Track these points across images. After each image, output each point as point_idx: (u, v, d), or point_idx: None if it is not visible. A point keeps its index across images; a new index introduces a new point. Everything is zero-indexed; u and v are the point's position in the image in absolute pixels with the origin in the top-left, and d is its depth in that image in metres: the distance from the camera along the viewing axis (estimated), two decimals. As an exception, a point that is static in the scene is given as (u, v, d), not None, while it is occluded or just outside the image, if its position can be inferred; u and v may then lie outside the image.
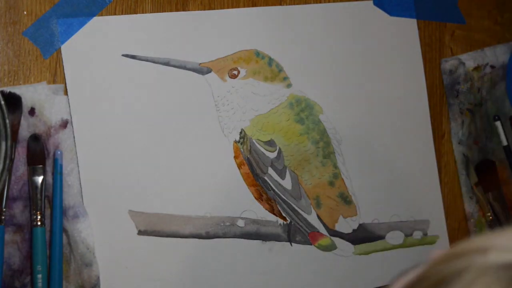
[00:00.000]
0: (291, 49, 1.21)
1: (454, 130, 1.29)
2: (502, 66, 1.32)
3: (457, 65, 1.29)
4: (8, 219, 1.06)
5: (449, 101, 1.29)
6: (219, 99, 1.17)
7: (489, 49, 1.32)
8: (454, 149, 1.29)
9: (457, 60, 1.29)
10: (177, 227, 1.14)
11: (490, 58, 1.31)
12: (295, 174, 1.20)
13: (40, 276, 1.06)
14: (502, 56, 1.32)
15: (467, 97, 1.29)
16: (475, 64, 1.30)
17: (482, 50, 1.31)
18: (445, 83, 1.29)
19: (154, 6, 1.14)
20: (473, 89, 1.29)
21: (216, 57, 1.17)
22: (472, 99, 1.29)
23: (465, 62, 1.29)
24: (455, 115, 1.29)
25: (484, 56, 1.31)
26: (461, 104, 1.29)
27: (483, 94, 1.30)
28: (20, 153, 1.07)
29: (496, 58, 1.31)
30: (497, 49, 1.32)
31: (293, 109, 1.21)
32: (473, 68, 1.30)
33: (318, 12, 1.23)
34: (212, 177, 1.16)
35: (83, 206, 1.09)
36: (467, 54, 1.30)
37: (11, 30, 1.08)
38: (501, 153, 1.31)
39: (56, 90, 1.09)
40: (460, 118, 1.29)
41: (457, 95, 1.28)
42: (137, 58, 1.13)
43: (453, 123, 1.29)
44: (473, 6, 1.33)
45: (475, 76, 1.30)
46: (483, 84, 1.30)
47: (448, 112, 1.30)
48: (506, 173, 1.30)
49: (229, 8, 1.18)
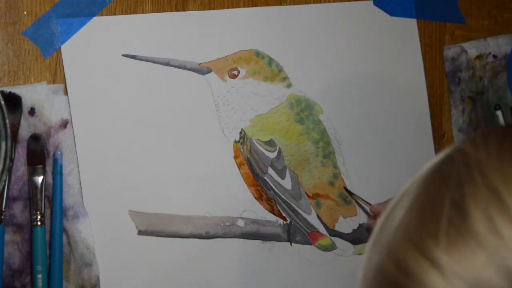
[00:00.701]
0: (291, 49, 1.21)
1: (455, 117, 1.29)
2: (504, 56, 1.32)
3: (460, 53, 1.29)
4: (8, 219, 1.06)
5: (451, 88, 1.29)
6: (219, 99, 1.17)
7: (492, 39, 1.32)
8: (454, 136, 1.29)
9: (460, 47, 1.29)
10: (177, 227, 1.14)
11: (493, 48, 1.31)
12: (295, 174, 1.20)
13: (40, 276, 1.06)
14: (504, 46, 1.32)
15: (469, 85, 1.29)
16: (478, 53, 1.30)
17: (485, 40, 1.31)
18: (447, 70, 1.29)
19: (154, 6, 1.14)
20: (475, 77, 1.29)
21: (216, 57, 1.17)
22: (473, 87, 1.29)
23: (468, 50, 1.29)
24: (456, 102, 1.29)
25: (487, 45, 1.31)
26: (463, 91, 1.29)
27: (485, 83, 1.30)
28: (20, 153, 1.07)
29: (499, 48, 1.31)
30: (500, 39, 1.32)
31: (293, 109, 1.21)
32: (475, 56, 1.30)
33: (318, 12, 1.23)
34: (212, 177, 1.16)
35: (83, 206, 1.09)
36: (470, 42, 1.30)
37: (11, 30, 1.08)
38: None
39: (56, 90, 1.09)
40: (461, 106, 1.29)
41: (458, 82, 1.28)
42: (137, 58, 1.13)
43: (453, 110, 1.29)
44: (473, 6, 1.33)
45: (477, 65, 1.30)
46: (485, 73, 1.30)
47: (449, 113, 1.30)
48: None
49: (229, 8, 1.18)
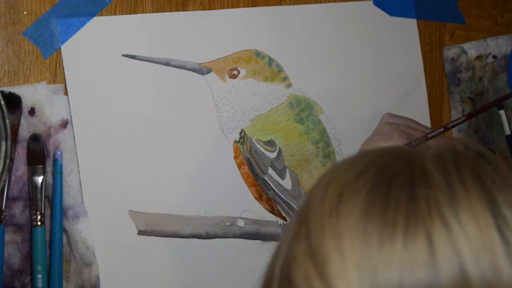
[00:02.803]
0: (291, 49, 1.21)
1: (455, 118, 1.29)
2: (504, 56, 1.32)
3: (459, 53, 1.29)
4: (8, 219, 1.06)
5: (450, 89, 1.29)
6: (219, 99, 1.17)
7: (492, 40, 1.32)
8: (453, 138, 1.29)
9: (460, 48, 1.29)
10: (177, 227, 1.14)
11: (492, 48, 1.31)
12: (295, 174, 1.20)
13: (40, 276, 1.06)
14: (504, 47, 1.32)
15: (468, 85, 1.29)
16: (477, 54, 1.30)
17: (485, 40, 1.31)
18: (446, 71, 1.29)
19: (154, 6, 1.14)
20: (474, 78, 1.29)
21: (216, 57, 1.17)
22: (473, 88, 1.29)
23: (467, 51, 1.30)
24: (456, 103, 1.29)
25: (487, 46, 1.31)
26: (462, 92, 1.29)
27: (485, 84, 1.30)
28: (20, 153, 1.07)
29: (498, 49, 1.31)
30: (500, 40, 1.32)
31: (293, 109, 1.21)
32: (475, 57, 1.30)
33: (318, 12, 1.23)
34: (212, 177, 1.16)
35: (83, 206, 1.09)
36: (469, 43, 1.30)
37: (11, 30, 1.08)
38: (501, 143, 1.30)
39: (56, 90, 1.09)
40: (460, 106, 1.29)
41: (458, 83, 1.28)
42: (137, 58, 1.13)
43: (453, 111, 1.29)
44: (473, 6, 1.33)
45: (477, 65, 1.30)
46: (484, 74, 1.30)
47: (449, 113, 1.30)
48: (506, 163, 1.30)
49: (229, 8, 1.18)
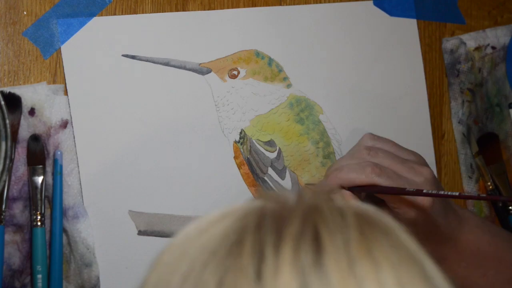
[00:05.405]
0: (291, 49, 1.21)
1: (454, 109, 1.29)
2: (503, 47, 1.32)
3: (458, 45, 1.29)
4: (8, 219, 1.06)
5: (450, 80, 1.29)
6: (219, 99, 1.17)
7: (490, 30, 1.32)
8: (454, 128, 1.29)
9: (458, 39, 1.29)
10: (177, 227, 1.14)
11: (491, 39, 1.31)
12: (295, 175, 1.20)
13: (40, 276, 1.06)
14: (503, 37, 1.32)
15: (468, 76, 1.29)
16: (476, 44, 1.30)
17: (484, 31, 1.31)
18: (446, 62, 1.29)
19: (154, 6, 1.14)
20: (474, 69, 1.29)
21: (216, 57, 1.17)
22: (472, 79, 1.29)
23: (466, 42, 1.29)
24: (455, 95, 1.29)
25: (485, 37, 1.31)
26: (462, 83, 1.29)
27: (484, 75, 1.30)
28: (20, 153, 1.06)
29: (497, 39, 1.31)
30: (498, 30, 1.32)
31: (293, 109, 1.21)
32: (474, 48, 1.30)
33: (318, 12, 1.23)
34: (212, 177, 1.16)
35: (83, 206, 1.09)
36: (468, 34, 1.30)
37: (11, 30, 1.08)
38: (501, 134, 1.30)
39: (56, 90, 1.09)
40: (460, 98, 1.29)
41: (457, 75, 1.28)
42: (137, 58, 1.13)
43: (453, 102, 1.29)
44: (473, 6, 1.33)
45: (476, 56, 1.30)
46: (483, 65, 1.30)
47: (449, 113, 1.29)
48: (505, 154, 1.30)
49: (229, 8, 1.18)
